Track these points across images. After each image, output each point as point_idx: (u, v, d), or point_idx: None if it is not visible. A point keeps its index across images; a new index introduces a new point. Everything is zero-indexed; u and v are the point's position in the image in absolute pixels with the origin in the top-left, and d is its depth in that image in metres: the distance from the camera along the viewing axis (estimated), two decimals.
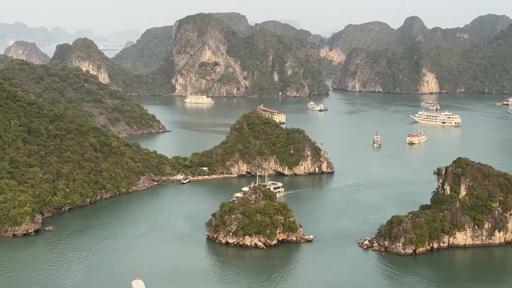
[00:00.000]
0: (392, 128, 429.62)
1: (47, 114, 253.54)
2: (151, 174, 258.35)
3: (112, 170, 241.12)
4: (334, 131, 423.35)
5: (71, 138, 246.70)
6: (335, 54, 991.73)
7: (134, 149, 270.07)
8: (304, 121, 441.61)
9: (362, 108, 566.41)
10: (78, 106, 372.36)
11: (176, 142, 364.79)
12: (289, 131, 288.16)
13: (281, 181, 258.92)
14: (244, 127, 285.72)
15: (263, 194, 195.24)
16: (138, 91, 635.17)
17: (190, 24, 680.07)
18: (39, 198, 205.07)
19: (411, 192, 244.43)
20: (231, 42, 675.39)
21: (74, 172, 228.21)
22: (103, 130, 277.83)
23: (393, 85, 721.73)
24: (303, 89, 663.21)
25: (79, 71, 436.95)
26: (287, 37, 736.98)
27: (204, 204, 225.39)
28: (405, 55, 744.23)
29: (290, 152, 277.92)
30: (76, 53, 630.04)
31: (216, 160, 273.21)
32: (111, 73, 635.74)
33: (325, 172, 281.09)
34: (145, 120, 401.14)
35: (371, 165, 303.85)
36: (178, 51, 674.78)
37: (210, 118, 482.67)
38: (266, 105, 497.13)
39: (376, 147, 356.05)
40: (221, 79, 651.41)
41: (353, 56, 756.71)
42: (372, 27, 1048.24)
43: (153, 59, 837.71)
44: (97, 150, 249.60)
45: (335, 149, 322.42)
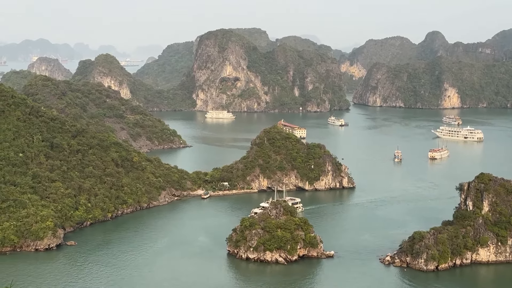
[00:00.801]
0: (414, 143, 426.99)
1: (70, 129, 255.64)
2: (172, 189, 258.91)
3: (133, 185, 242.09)
4: (355, 146, 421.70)
5: (93, 153, 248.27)
6: (355, 69, 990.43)
7: (155, 164, 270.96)
8: (324, 136, 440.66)
9: (383, 123, 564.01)
10: (100, 121, 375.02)
11: (197, 157, 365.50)
12: (309, 146, 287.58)
13: (302, 196, 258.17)
14: (265, 142, 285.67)
15: (284, 209, 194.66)
16: (159, 106, 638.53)
17: (211, 39, 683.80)
18: (61, 213, 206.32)
19: (433, 208, 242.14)
20: (252, 58, 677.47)
21: (96, 187, 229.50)
22: (124, 145, 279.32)
23: (415, 100, 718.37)
24: (323, 104, 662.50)
25: (101, 86, 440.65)
26: (307, 52, 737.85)
27: (224, 219, 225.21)
28: (427, 70, 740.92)
29: (311, 167, 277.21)
30: (98, 68, 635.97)
31: (236, 175, 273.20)
32: (133, 88, 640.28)
33: (346, 187, 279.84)
34: (166, 135, 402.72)
35: (392, 181, 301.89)
36: (199, 66, 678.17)
37: (231, 133, 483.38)
38: (287, 120, 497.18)
39: (397, 162, 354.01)
40: (241, 94, 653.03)
41: (374, 71, 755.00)
42: (393, 42, 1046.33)
43: (174, 75, 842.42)
44: (119, 165, 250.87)
45: (356, 164, 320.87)
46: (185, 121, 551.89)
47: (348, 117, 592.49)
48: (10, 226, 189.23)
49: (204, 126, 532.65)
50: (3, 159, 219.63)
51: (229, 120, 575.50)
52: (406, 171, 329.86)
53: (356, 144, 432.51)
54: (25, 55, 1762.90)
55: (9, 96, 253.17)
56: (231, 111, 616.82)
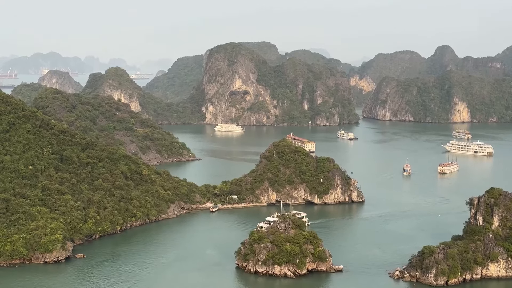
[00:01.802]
0: (423, 157, 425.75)
1: (79, 142, 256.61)
2: (181, 202, 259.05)
3: (142, 198, 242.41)
4: (364, 160, 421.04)
5: (102, 166, 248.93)
6: (365, 83, 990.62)
7: (164, 177, 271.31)
8: (334, 150, 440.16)
9: (392, 137, 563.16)
10: (109, 134, 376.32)
11: (206, 170, 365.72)
12: (319, 160, 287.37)
13: (311, 210, 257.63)
14: (274, 155, 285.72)
15: (293, 223, 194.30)
16: (169, 120, 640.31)
17: (220, 53, 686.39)
18: (70, 226, 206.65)
19: (443, 222, 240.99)
20: (261, 71, 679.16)
21: (105, 199, 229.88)
22: (134, 158, 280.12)
23: (424, 114, 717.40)
24: (333, 118, 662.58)
25: (111, 99, 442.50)
26: (317, 66, 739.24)
27: (233, 232, 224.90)
28: (436, 84, 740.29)
29: (320, 181, 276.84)
30: (108, 82, 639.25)
31: (245, 189, 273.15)
32: (143, 101, 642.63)
33: (355, 201, 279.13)
34: (176, 148, 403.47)
35: (402, 195, 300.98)
36: (208, 80, 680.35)
37: (240, 147, 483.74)
38: (296, 134, 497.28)
39: (406, 175, 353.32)
40: (251, 108, 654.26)
41: (384, 85, 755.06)
42: (402, 56, 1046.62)
43: (183, 88, 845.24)
44: (128, 178, 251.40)
45: (365, 178, 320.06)
46: (194, 134, 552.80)
47: (358, 131, 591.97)
48: (19, 239, 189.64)
49: (213, 139, 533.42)
50: (13, 171, 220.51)
51: (238, 133, 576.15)
52: (416, 185, 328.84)
53: (365, 158, 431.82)
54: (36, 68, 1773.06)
55: (20, 109, 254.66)
56: (240, 124, 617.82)
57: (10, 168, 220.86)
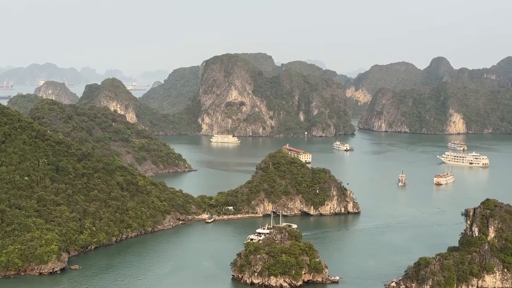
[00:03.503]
0: (419, 168, 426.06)
1: (75, 153, 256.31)
2: (177, 213, 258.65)
3: (138, 209, 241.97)
4: (360, 171, 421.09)
5: (98, 177, 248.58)
6: (361, 94, 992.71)
7: (160, 188, 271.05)
8: (330, 161, 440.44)
9: (388, 148, 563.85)
10: (105, 145, 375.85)
11: (201, 181, 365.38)
12: (314, 171, 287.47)
13: (307, 221, 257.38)
14: (270, 166, 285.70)
15: (289, 234, 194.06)
16: (165, 131, 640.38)
17: (217, 64, 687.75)
18: (66, 237, 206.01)
19: (438, 234, 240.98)
20: (257, 82, 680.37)
21: (101, 210, 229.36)
22: (129, 169, 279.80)
23: (420, 125, 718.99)
24: (329, 129, 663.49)
25: (107, 110, 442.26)
26: (313, 77, 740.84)
27: (229, 243, 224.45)
28: (432, 96, 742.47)
29: (316, 192, 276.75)
30: (105, 93, 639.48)
31: (241, 200, 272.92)
32: (139, 112, 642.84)
33: (351, 212, 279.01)
34: (172, 159, 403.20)
35: (398, 206, 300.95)
36: (204, 91, 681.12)
37: (236, 158, 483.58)
38: (292, 145, 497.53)
39: (401, 185, 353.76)
40: (247, 119, 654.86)
41: (379, 96, 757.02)
42: (398, 67, 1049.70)
43: (180, 99, 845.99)
44: (124, 189, 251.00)
45: (361, 189, 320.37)
46: (191, 145, 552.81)
47: (353, 142, 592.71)
48: (14, 250, 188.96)
49: (209, 150, 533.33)
50: (9, 182, 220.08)
51: (234, 144, 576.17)
52: (412, 196, 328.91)
53: (361, 169, 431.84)
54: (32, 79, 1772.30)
55: (16, 120, 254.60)
56: (236, 135, 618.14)
57: (5, 179, 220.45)
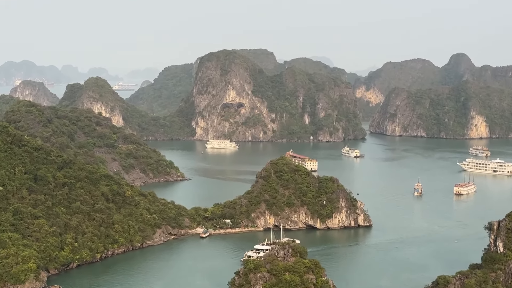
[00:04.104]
0: (437, 177, 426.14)
1: (55, 160, 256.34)
2: (168, 227, 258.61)
3: (125, 222, 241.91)
4: (372, 180, 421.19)
5: (81, 186, 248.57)
6: (372, 95, 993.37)
7: (149, 199, 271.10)
8: (338, 168, 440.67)
9: (403, 154, 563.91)
10: (89, 151, 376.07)
11: (196, 192, 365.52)
12: (321, 180, 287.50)
13: (312, 235, 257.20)
14: (272, 175, 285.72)
15: (293, 250, 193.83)
16: (155, 135, 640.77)
17: (212, 61, 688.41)
18: (45, 254, 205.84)
19: (459, 250, 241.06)
20: (258, 81, 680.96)
21: (84, 224, 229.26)
22: (116, 178, 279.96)
23: (438, 129, 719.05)
24: (337, 133, 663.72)
25: (90, 113, 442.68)
26: (319, 76, 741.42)
27: (226, 260, 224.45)
28: (451, 96, 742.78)
29: (323, 203, 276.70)
30: (88, 93, 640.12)
31: (240, 212, 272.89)
32: (126, 115, 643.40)
33: (362, 226, 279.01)
34: (162, 167, 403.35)
35: (413, 218, 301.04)
36: (199, 91, 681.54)
37: (234, 165, 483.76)
38: (296, 151, 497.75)
39: (417, 195, 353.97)
40: (246, 122, 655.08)
41: (393, 96, 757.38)
42: (413, 65, 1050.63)
43: (171, 100, 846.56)
44: (109, 200, 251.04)
45: (373, 200, 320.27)
46: (183, 152, 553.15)
47: (364, 148, 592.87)
48: None
49: (204, 157, 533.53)
50: None
51: (232, 150, 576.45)
52: (429, 208, 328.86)
53: (373, 178, 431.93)
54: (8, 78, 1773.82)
55: None
56: (234, 140, 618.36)
57: None
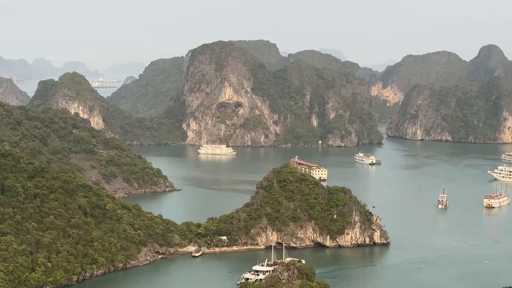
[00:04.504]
0: (465, 187, 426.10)
1: (25, 168, 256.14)
2: (155, 244, 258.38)
3: (105, 239, 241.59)
4: (390, 190, 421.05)
5: (55, 198, 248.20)
6: (390, 93, 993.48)
7: (134, 213, 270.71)
8: (350, 177, 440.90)
9: (425, 161, 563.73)
10: (64, 158, 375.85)
11: (187, 204, 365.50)
12: (331, 191, 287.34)
13: (321, 254, 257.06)
14: (274, 185, 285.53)
15: (298, 271, 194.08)
16: (140, 139, 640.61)
17: (206, 54, 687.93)
18: (13, 275, 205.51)
19: (490, 271, 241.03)
20: (258, 77, 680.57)
21: (58, 242, 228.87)
22: (95, 188, 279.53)
23: (465, 132, 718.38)
24: (349, 137, 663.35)
25: (66, 114, 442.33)
26: (329, 71, 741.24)
27: (222, 283, 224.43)
28: (481, 94, 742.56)
29: (333, 218, 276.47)
30: (63, 91, 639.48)
31: (238, 227, 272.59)
32: (107, 116, 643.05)
33: (378, 244, 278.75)
34: (149, 176, 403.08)
35: (437, 235, 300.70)
36: (190, 88, 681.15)
37: (231, 174, 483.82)
38: (302, 157, 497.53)
39: (441, 208, 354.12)
40: (245, 124, 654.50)
41: (414, 95, 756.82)
42: (437, 58, 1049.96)
43: (159, 99, 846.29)
44: (87, 214, 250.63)
45: (391, 214, 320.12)
46: (173, 158, 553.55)
47: (381, 154, 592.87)
48: None
49: (197, 164, 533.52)
50: None
51: (228, 156, 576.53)
52: (455, 223, 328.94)
53: (390, 188, 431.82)
54: None
55: None
56: (231, 145, 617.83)
57: None
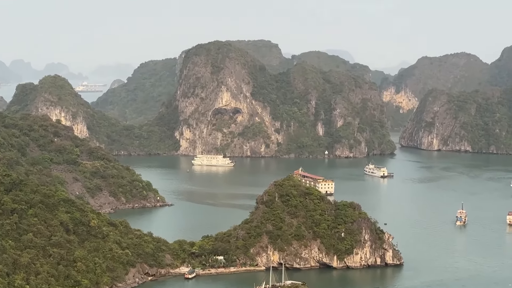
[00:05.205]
0: (486, 202, 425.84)
1: (2, 180, 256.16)
2: (145, 265, 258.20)
3: (90, 259, 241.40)
4: (403, 206, 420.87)
5: (34, 214, 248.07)
6: (404, 98, 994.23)
7: (121, 230, 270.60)
8: (360, 191, 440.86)
9: (442, 174, 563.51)
10: (44, 169, 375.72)
11: (180, 221, 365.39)
12: (339, 206, 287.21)
13: (328, 276, 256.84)
14: (276, 199, 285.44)
15: None
16: (128, 149, 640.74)
17: (201, 56, 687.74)
18: None
19: None
20: (258, 81, 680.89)
21: (37, 262, 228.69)
22: (78, 203, 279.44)
23: (487, 142, 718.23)
24: (358, 146, 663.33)
25: (47, 121, 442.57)
26: (336, 74, 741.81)
27: None
28: (503, 100, 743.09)
29: (341, 236, 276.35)
30: (44, 96, 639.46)
31: (236, 246, 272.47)
32: (91, 123, 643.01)
33: (390, 265, 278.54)
34: (137, 189, 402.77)
35: (455, 255, 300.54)
36: (184, 93, 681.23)
37: (228, 187, 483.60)
38: (307, 169, 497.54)
39: (459, 225, 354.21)
40: (243, 133, 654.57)
41: (430, 100, 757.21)
42: (456, 60, 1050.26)
43: (149, 105, 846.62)
44: (70, 231, 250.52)
45: (405, 232, 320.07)
46: (164, 170, 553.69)
47: (393, 165, 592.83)
48: None
49: (191, 176, 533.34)
50: None
51: (225, 168, 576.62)
52: (475, 241, 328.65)
53: (404, 203, 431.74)
54: None
55: None
56: (228, 155, 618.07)
57: None
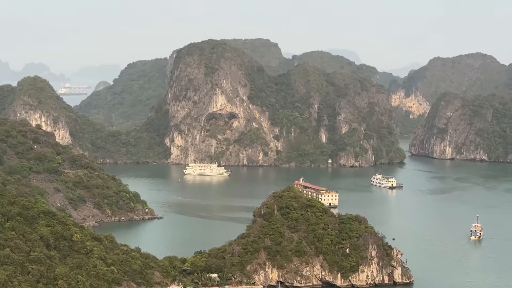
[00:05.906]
0: (503, 215, 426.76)
1: None
2: (132, 283, 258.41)
3: (72, 277, 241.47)
4: (413, 219, 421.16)
5: (12, 227, 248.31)
6: (414, 102, 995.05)
7: (106, 245, 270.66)
8: (366, 204, 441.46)
9: (455, 184, 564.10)
10: (23, 179, 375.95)
11: (170, 235, 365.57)
12: (343, 220, 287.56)
13: None
14: (275, 212, 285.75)
15: None
16: (115, 157, 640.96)
17: (194, 55, 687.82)
18: None
19: None
20: (256, 84, 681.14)
21: (15, 279, 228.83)
22: (60, 215, 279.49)
23: (504, 150, 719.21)
24: (365, 155, 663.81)
25: (25, 126, 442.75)
26: (340, 76, 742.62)
27: None
28: None
29: (345, 252, 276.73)
30: (23, 99, 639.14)
31: (231, 263, 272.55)
32: (74, 129, 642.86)
33: (399, 283, 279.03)
34: (124, 201, 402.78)
35: (470, 272, 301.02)
36: (175, 96, 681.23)
37: (223, 199, 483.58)
38: (308, 179, 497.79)
39: (474, 240, 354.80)
40: (240, 140, 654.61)
41: (442, 105, 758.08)
42: (470, 61, 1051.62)
43: (137, 109, 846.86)
44: (51, 246, 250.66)
45: (415, 247, 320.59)
46: (153, 180, 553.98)
47: (403, 175, 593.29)
48: None
49: (182, 187, 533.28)
50: None
51: (220, 178, 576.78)
52: (491, 257, 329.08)
53: (414, 217, 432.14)
54: None
55: None
56: (223, 164, 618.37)
57: None
